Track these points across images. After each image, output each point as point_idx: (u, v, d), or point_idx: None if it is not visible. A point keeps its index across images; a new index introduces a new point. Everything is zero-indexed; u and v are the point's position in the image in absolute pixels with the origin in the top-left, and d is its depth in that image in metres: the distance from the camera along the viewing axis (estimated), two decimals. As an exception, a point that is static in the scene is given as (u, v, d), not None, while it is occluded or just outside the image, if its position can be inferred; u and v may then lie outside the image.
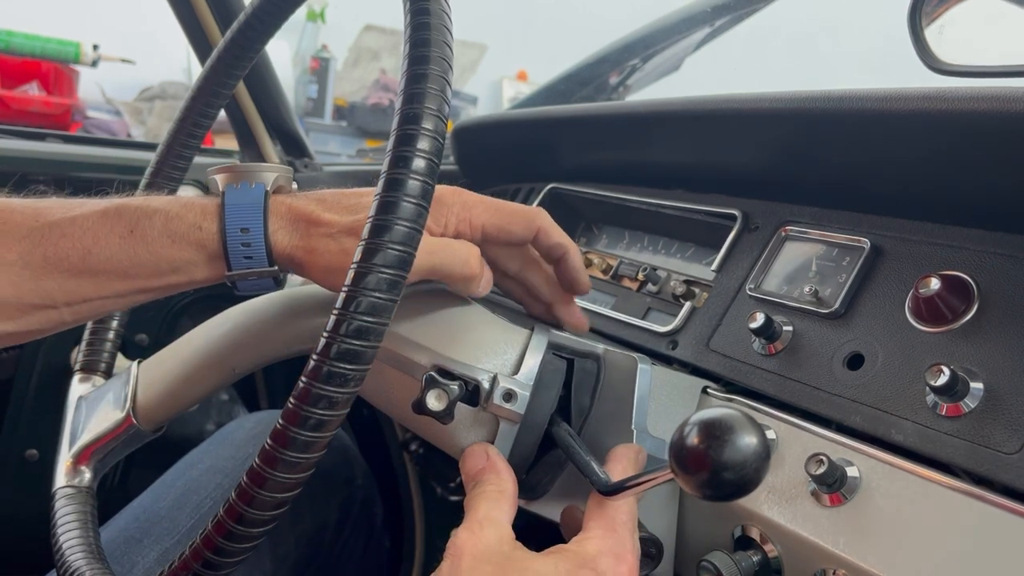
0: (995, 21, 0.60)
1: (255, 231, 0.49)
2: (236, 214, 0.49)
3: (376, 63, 4.02)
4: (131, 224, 0.49)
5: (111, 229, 0.48)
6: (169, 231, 0.49)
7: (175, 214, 0.49)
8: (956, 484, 0.45)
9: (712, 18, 1.27)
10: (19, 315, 0.49)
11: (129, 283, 0.50)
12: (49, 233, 0.48)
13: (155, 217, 0.49)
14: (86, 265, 0.48)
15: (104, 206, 0.49)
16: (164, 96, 3.39)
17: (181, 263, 0.50)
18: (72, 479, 0.59)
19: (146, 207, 0.49)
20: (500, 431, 0.51)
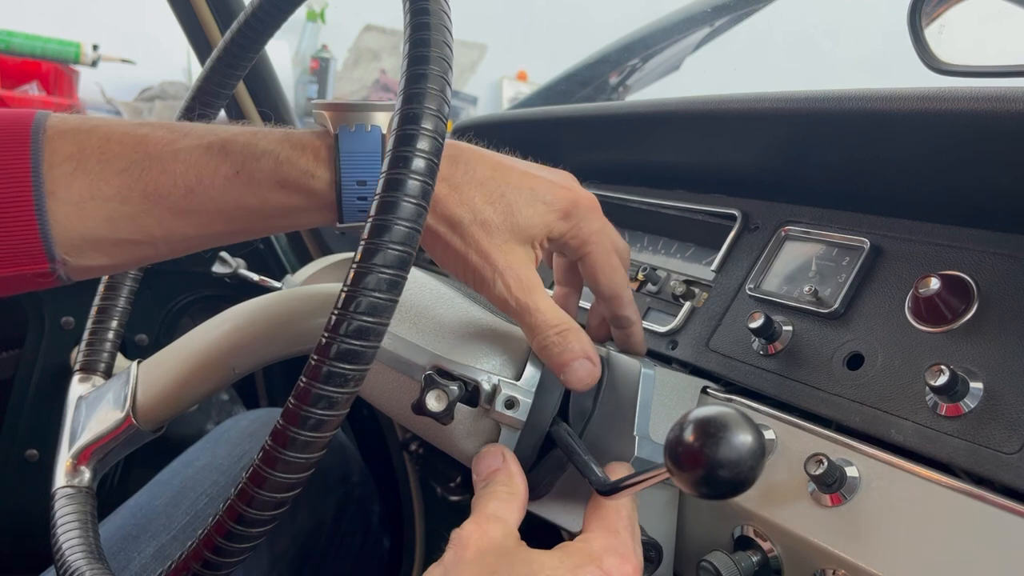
0: (995, 21, 0.60)
1: (373, 183, 0.46)
2: (352, 163, 0.46)
3: (376, 63, 4.02)
4: (237, 164, 0.45)
5: (216, 168, 0.45)
6: (278, 176, 0.46)
7: (285, 158, 0.46)
8: (956, 484, 0.45)
9: (712, 18, 1.27)
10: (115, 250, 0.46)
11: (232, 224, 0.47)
12: (150, 167, 0.45)
13: (263, 159, 0.46)
14: (188, 204, 0.45)
15: (208, 140, 0.46)
16: (164, 96, 3.39)
17: (290, 209, 0.47)
18: (72, 479, 0.59)
19: (254, 147, 0.46)
20: (502, 436, 0.51)
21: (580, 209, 0.51)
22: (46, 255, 0.44)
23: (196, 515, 0.73)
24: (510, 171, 0.50)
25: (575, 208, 0.51)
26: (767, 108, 0.66)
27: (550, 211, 0.50)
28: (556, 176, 0.52)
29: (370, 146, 0.46)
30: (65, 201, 0.44)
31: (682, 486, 0.37)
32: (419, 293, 0.57)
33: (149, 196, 0.45)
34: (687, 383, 0.59)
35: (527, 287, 0.48)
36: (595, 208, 0.53)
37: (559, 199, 0.50)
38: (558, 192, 0.50)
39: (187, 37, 1.10)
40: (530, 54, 4.07)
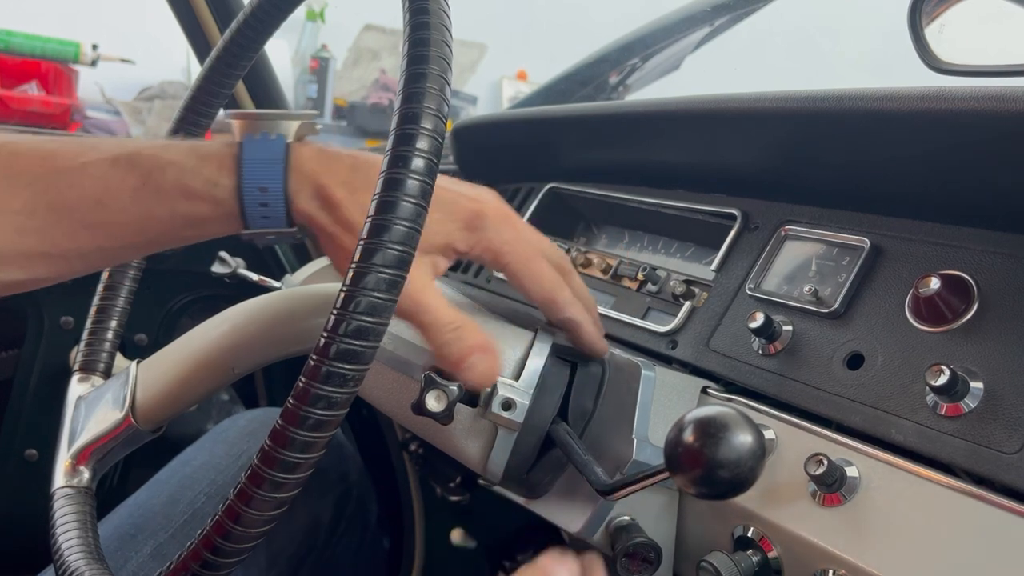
0: (995, 21, 0.60)
1: (274, 190, 0.46)
2: (254, 170, 0.46)
3: (376, 63, 4.02)
4: (144, 176, 0.46)
5: (123, 180, 0.46)
6: (183, 186, 0.46)
7: (190, 168, 0.46)
8: (956, 484, 0.45)
9: (712, 18, 1.27)
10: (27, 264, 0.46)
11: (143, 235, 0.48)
12: (56, 181, 0.45)
13: (169, 170, 0.46)
14: (97, 217, 0.46)
15: (115, 153, 0.46)
16: (164, 96, 3.39)
17: (196, 219, 0.47)
18: (71, 479, 0.59)
19: (159, 158, 0.46)
20: (499, 437, 0.51)
21: (486, 220, 0.50)
22: None
23: (194, 514, 0.73)
24: None
25: (479, 219, 0.50)
26: (767, 108, 0.66)
27: (449, 221, 0.49)
28: (467, 190, 0.51)
29: (272, 153, 0.46)
30: None
31: (682, 486, 0.37)
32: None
33: (56, 209, 0.45)
34: (687, 383, 0.59)
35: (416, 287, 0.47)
36: (505, 218, 0.51)
37: (461, 210, 0.49)
38: (461, 203, 0.50)
39: (187, 37, 1.10)
40: (530, 54, 4.07)
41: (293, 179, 0.47)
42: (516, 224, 0.52)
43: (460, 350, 0.48)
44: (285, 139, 0.47)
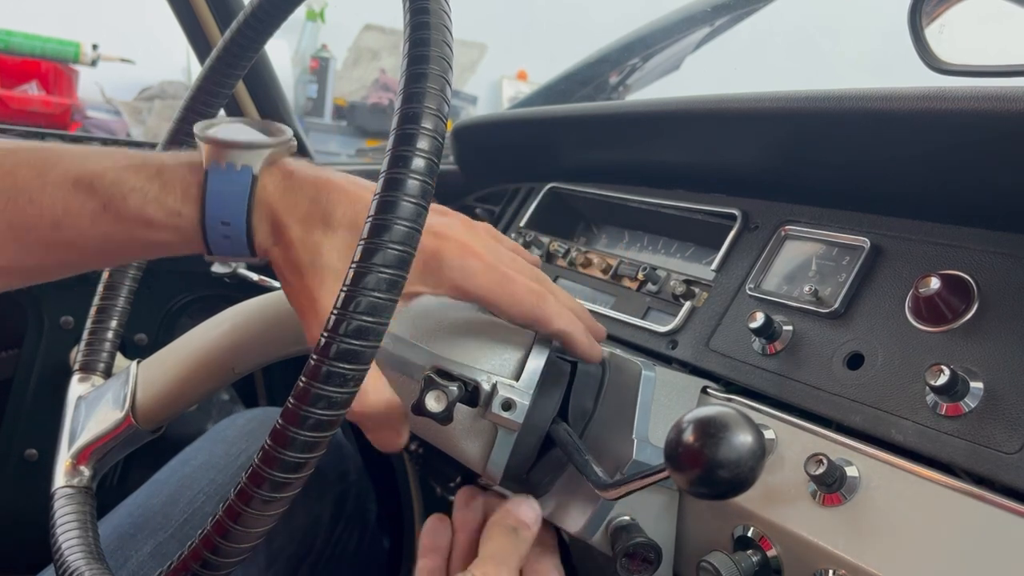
0: (995, 21, 0.60)
1: (236, 224, 0.46)
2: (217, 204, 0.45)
3: (376, 63, 4.02)
4: (104, 200, 0.45)
5: (83, 204, 0.45)
6: (145, 215, 0.45)
7: (153, 196, 0.45)
8: (956, 484, 0.45)
9: (712, 18, 1.27)
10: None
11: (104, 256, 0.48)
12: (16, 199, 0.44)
13: (131, 197, 0.45)
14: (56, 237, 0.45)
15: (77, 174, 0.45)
16: (164, 96, 3.39)
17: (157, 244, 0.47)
18: (71, 479, 0.59)
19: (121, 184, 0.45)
20: (499, 437, 0.51)
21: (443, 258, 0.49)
22: None
23: (193, 513, 0.73)
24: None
25: (435, 260, 0.48)
26: (767, 108, 0.66)
27: None
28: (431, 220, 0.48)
29: (237, 187, 0.45)
30: None
31: (682, 486, 0.37)
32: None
33: (15, 227, 0.45)
34: (687, 383, 0.59)
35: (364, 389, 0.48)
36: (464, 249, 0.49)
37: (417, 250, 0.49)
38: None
39: (187, 37, 1.10)
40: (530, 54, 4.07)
41: (256, 213, 0.46)
42: (478, 251, 0.50)
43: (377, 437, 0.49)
44: (252, 171, 0.46)
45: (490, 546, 0.50)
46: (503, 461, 0.51)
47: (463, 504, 0.56)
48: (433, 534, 0.56)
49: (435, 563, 0.54)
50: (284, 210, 0.46)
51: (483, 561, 0.49)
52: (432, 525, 0.56)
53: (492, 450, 0.51)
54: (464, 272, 0.49)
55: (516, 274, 0.51)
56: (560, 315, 0.52)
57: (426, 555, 0.55)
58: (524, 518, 0.51)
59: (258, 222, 0.46)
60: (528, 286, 0.51)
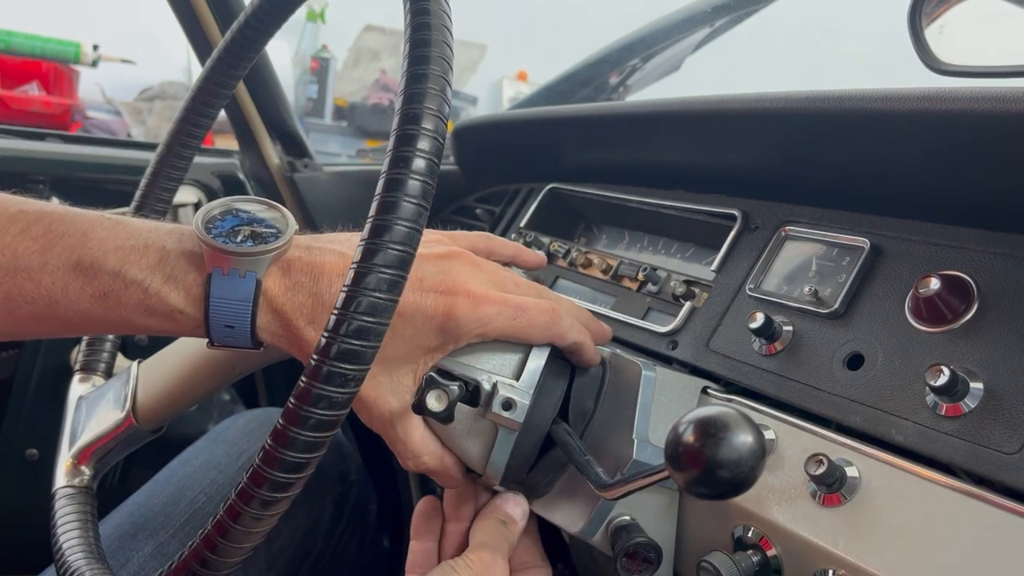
0: (995, 21, 0.60)
1: (240, 327, 0.46)
2: (222, 310, 0.45)
3: (376, 63, 4.02)
4: (104, 288, 0.45)
5: (81, 288, 0.45)
6: (146, 307, 0.46)
7: (155, 291, 0.45)
8: (956, 484, 0.45)
9: (712, 18, 1.27)
10: None
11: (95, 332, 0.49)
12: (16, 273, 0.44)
13: (131, 289, 0.45)
14: (51, 313, 0.45)
15: (77, 257, 0.45)
16: (164, 96, 3.39)
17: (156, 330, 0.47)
18: (72, 479, 0.59)
19: (123, 275, 0.45)
20: (499, 437, 0.51)
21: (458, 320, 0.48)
22: None
23: (194, 513, 0.73)
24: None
25: (451, 322, 0.48)
26: (767, 108, 0.66)
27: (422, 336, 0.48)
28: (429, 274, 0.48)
29: (241, 294, 0.45)
30: None
31: (682, 486, 0.38)
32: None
33: (12, 300, 0.45)
34: (687, 383, 0.59)
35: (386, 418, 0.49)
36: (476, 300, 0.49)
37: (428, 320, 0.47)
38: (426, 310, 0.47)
39: (187, 37, 1.10)
40: (530, 54, 4.07)
41: (261, 316, 0.46)
42: (487, 295, 0.49)
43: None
44: (255, 277, 0.46)
45: (480, 536, 0.52)
46: (503, 461, 0.51)
47: (456, 494, 0.57)
48: (426, 518, 0.57)
49: (427, 546, 0.56)
50: (290, 311, 0.46)
51: (475, 549, 0.50)
52: (424, 509, 0.58)
53: (492, 450, 0.51)
54: (480, 322, 0.49)
55: (525, 299, 0.51)
56: (572, 328, 0.53)
57: (418, 537, 0.57)
58: (511, 513, 0.53)
59: (263, 321, 0.47)
60: (540, 308, 0.51)
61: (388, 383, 0.49)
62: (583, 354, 0.54)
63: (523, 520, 0.54)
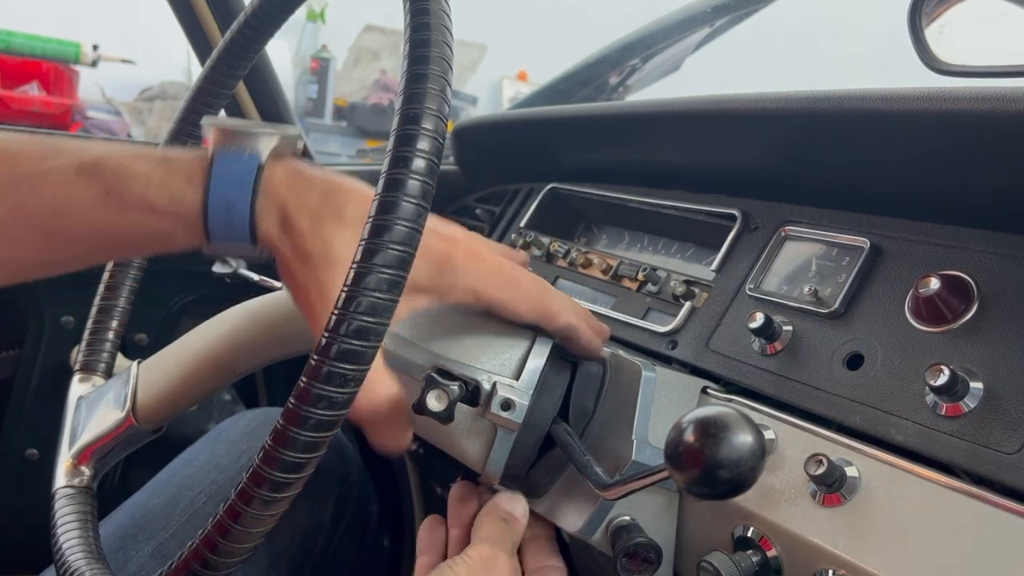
0: (995, 21, 0.60)
1: (240, 209, 0.45)
2: (222, 187, 0.44)
3: (376, 63, 4.02)
4: (107, 186, 0.44)
5: (85, 189, 0.44)
6: (148, 200, 0.44)
7: (157, 181, 0.44)
8: (956, 484, 0.45)
9: (712, 18, 1.27)
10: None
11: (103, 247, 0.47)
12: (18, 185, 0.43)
13: (134, 181, 0.44)
14: (57, 224, 0.44)
15: (80, 159, 0.44)
16: (164, 96, 3.39)
17: (159, 233, 0.46)
18: (72, 479, 0.59)
19: (125, 168, 0.44)
20: (498, 437, 0.51)
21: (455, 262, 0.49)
22: None
23: (195, 514, 0.73)
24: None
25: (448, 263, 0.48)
26: (767, 108, 0.66)
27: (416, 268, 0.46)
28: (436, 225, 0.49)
29: (243, 171, 0.45)
30: None
31: (682, 486, 0.38)
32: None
33: (17, 214, 0.44)
34: (687, 383, 0.59)
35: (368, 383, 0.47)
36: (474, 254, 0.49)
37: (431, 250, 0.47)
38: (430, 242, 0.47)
39: (187, 37, 1.10)
40: (530, 54, 4.07)
41: (261, 200, 0.45)
42: (486, 256, 0.50)
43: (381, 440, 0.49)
44: (258, 158, 0.45)
45: (482, 532, 0.52)
46: (502, 461, 0.51)
47: (457, 500, 0.57)
48: (429, 532, 0.57)
49: (432, 559, 0.56)
50: (293, 201, 0.45)
51: (477, 543, 0.50)
52: (428, 524, 0.58)
53: (492, 450, 0.51)
54: (476, 277, 0.49)
55: (520, 275, 0.51)
56: (565, 308, 0.52)
57: (424, 553, 0.56)
58: (511, 510, 0.53)
59: (264, 210, 0.45)
60: (533, 284, 0.52)
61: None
62: (579, 339, 0.53)
63: (524, 517, 0.53)
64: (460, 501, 0.57)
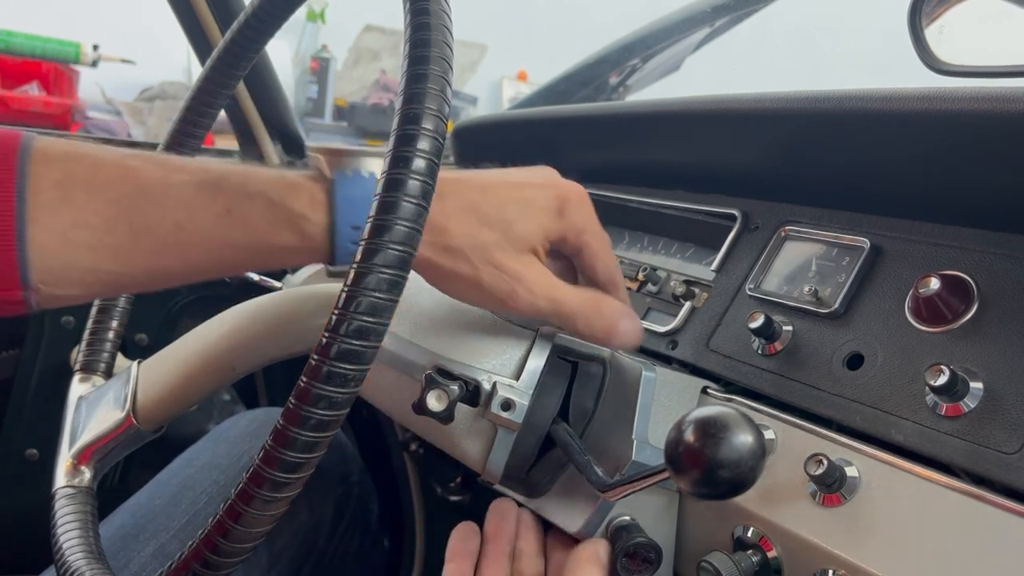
0: (995, 21, 0.60)
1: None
2: (348, 209, 0.45)
3: (376, 63, 4.02)
4: (229, 203, 0.44)
5: (207, 206, 0.44)
6: (271, 217, 0.45)
7: (279, 199, 0.45)
8: (956, 484, 0.45)
9: (712, 18, 1.27)
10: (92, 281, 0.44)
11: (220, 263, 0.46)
12: (139, 200, 0.43)
13: (257, 199, 0.45)
14: (176, 239, 0.44)
15: (201, 177, 0.45)
16: (164, 96, 3.39)
17: (279, 250, 0.46)
18: (72, 479, 0.59)
19: (246, 187, 0.45)
20: (498, 437, 0.51)
21: (571, 204, 0.52)
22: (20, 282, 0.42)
23: (196, 514, 0.73)
24: (496, 188, 0.50)
25: (566, 204, 0.51)
26: (767, 108, 0.66)
27: (544, 214, 0.50)
28: (539, 176, 0.53)
29: (366, 192, 0.45)
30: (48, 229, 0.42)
31: (682, 486, 0.38)
32: (420, 293, 0.57)
33: (136, 229, 0.43)
34: (687, 383, 0.59)
35: (547, 285, 0.50)
36: (583, 198, 0.53)
37: (550, 199, 0.51)
38: (547, 192, 0.51)
39: (187, 37, 1.10)
40: (530, 54, 4.07)
41: None
42: (590, 203, 0.53)
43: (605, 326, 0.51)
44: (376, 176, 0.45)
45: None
46: (503, 460, 0.52)
47: (497, 514, 0.56)
48: (463, 539, 0.56)
49: (463, 568, 0.54)
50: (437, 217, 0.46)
51: None
52: (462, 530, 0.56)
53: (492, 450, 0.51)
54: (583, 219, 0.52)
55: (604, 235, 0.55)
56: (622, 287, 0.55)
57: (454, 559, 0.55)
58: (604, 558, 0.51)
59: None
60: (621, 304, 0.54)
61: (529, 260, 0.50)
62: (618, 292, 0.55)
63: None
64: (501, 516, 0.56)
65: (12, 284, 0.42)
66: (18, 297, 0.42)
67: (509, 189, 0.50)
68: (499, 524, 0.56)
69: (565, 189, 0.52)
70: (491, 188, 0.50)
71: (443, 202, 0.47)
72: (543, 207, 0.51)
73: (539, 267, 0.50)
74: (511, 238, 0.49)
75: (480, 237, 0.48)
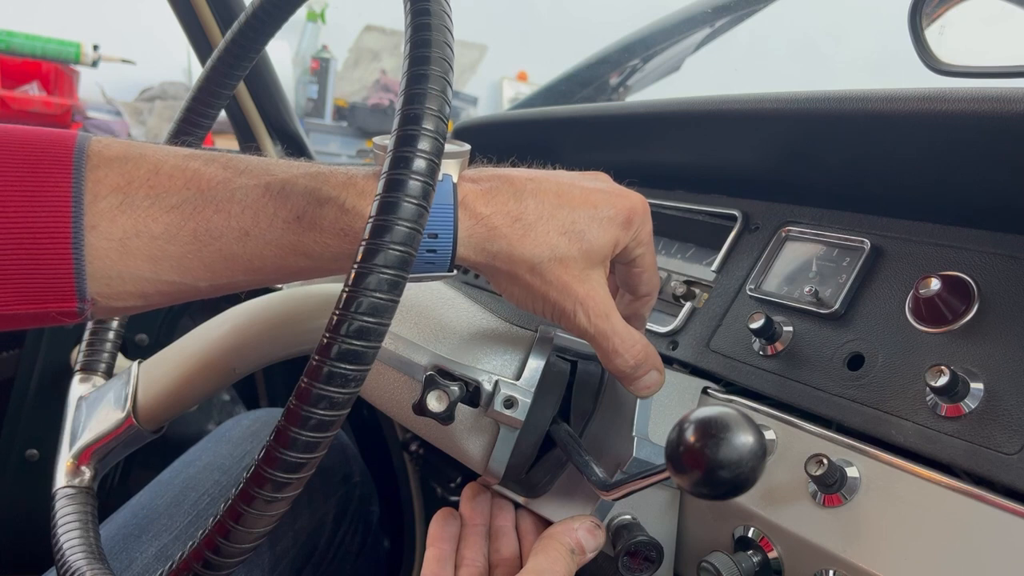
0: (995, 22, 0.60)
1: (444, 238, 0.43)
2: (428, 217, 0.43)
3: (376, 64, 4.02)
4: (298, 210, 0.42)
5: (275, 212, 0.42)
6: (342, 225, 0.42)
7: (351, 206, 0.42)
8: (956, 485, 0.45)
9: (712, 19, 1.27)
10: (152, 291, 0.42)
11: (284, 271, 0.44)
12: (203, 206, 0.41)
13: (327, 207, 0.42)
14: (241, 248, 0.42)
15: (267, 180, 0.42)
16: (164, 96, 3.39)
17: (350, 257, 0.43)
18: (72, 479, 0.59)
19: (316, 193, 0.42)
20: (500, 436, 0.51)
21: (638, 215, 0.50)
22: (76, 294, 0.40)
23: (198, 515, 0.73)
24: (569, 194, 0.48)
25: (633, 215, 0.49)
26: (768, 108, 0.66)
27: (614, 226, 0.48)
28: (603, 183, 0.51)
29: (443, 198, 0.43)
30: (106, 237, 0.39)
31: (683, 486, 0.38)
32: (421, 294, 0.57)
33: (200, 237, 0.41)
34: (687, 384, 0.59)
35: (603, 312, 0.48)
36: (648, 210, 0.51)
37: (619, 211, 0.49)
38: (616, 203, 0.49)
39: (187, 37, 1.10)
40: (530, 54, 4.07)
41: (464, 224, 0.44)
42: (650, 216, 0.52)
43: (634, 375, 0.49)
44: (452, 179, 0.43)
45: (541, 560, 0.48)
46: (504, 460, 0.52)
47: (470, 498, 0.57)
48: (443, 524, 0.56)
49: (443, 551, 0.55)
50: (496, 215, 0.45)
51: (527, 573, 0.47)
52: (441, 516, 0.57)
53: (493, 449, 0.51)
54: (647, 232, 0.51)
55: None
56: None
57: (434, 544, 0.55)
58: (585, 543, 0.50)
59: (469, 232, 0.44)
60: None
61: (597, 277, 0.48)
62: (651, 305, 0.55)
63: (593, 553, 0.50)
64: (473, 498, 0.57)
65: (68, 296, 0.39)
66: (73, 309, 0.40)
67: (582, 196, 0.48)
68: (472, 507, 0.56)
69: (633, 200, 0.50)
70: (565, 193, 0.48)
71: (522, 204, 0.46)
72: (612, 217, 0.48)
73: (603, 288, 0.48)
74: (585, 251, 0.47)
75: (558, 250, 0.46)
